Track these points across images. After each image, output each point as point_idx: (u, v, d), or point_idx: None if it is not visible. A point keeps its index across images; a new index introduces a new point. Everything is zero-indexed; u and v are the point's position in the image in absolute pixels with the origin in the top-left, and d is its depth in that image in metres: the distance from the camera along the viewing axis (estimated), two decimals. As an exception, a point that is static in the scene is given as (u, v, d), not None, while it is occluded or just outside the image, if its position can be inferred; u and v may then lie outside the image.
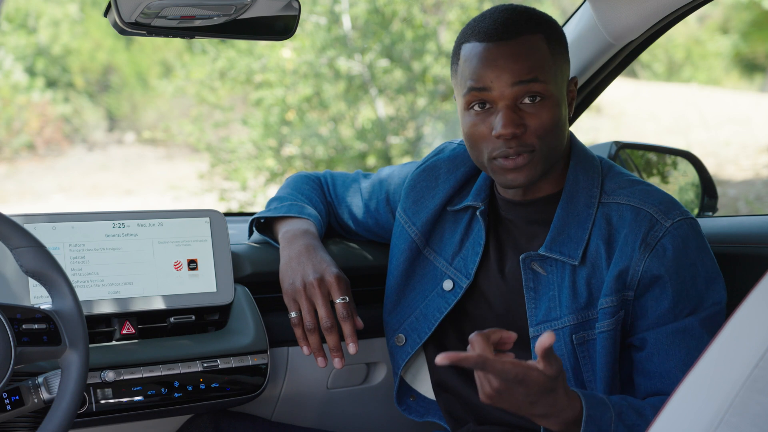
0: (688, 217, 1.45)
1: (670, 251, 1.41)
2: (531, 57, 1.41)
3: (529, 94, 1.41)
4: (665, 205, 1.45)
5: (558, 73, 1.45)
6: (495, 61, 1.41)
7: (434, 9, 8.93)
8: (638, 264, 1.41)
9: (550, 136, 1.43)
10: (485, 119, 1.43)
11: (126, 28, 1.37)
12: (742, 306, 0.80)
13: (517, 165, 1.42)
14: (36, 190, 10.51)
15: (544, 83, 1.41)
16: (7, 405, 1.27)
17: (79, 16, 11.64)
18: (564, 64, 1.48)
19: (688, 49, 12.44)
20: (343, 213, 1.80)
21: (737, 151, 9.46)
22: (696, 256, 1.44)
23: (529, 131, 1.41)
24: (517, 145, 1.41)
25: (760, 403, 0.74)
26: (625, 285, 1.42)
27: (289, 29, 1.49)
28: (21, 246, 1.27)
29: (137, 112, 12.28)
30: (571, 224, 1.47)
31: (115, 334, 1.55)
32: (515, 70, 1.40)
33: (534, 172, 1.44)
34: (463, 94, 1.45)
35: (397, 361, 1.64)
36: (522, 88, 1.40)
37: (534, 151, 1.42)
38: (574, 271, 1.46)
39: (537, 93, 1.41)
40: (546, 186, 1.52)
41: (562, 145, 1.47)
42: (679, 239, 1.42)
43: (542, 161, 1.44)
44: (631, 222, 1.44)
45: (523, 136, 1.41)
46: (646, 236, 1.42)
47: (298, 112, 8.67)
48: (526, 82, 1.40)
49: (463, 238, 1.59)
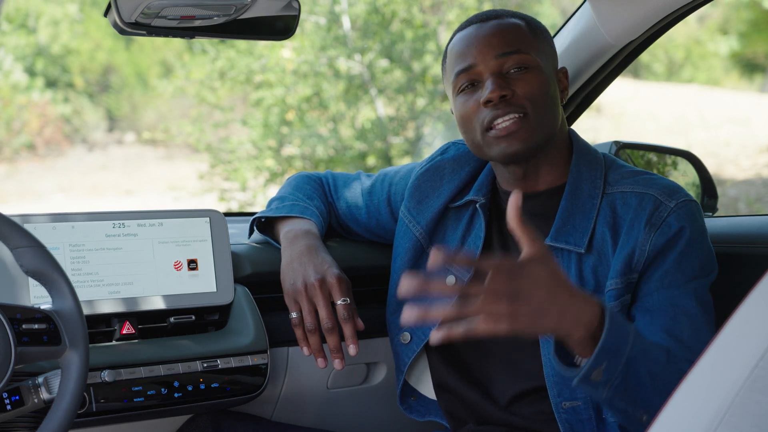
0: (692, 199, 1.46)
1: (675, 227, 1.42)
2: (513, 33, 1.47)
3: (514, 65, 1.45)
4: (669, 188, 1.46)
5: (543, 53, 1.49)
6: (477, 38, 1.47)
7: (434, 9, 8.93)
8: (644, 244, 1.42)
9: (540, 102, 1.45)
10: (474, 94, 1.47)
11: (126, 28, 1.38)
12: (742, 306, 0.80)
13: (510, 130, 1.44)
14: (36, 190, 10.51)
15: (527, 54, 1.45)
16: (7, 405, 1.27)
17: (78, 16, 11.64)
18: (548, 50, 1.51)
19: (688, 49, 12.44)
20: (344, 213, 1.80)
21: (737, 151, 9.47)
22: (698, 234, 1.44)
23: (517, 95, 1.44)
24: (506, 106, 1.43)
25: (760, 403, 0.75)
26: (631, 267, 1.42)
27: (289, 29, 1.49)
28: (21, 246, 1.27)
29: (137, 112, 12.28)
30: (576, 215, 1.48)
31: (115, 334, 1.55)
32: (497, 43, 1.46)
33: (529, 136, 1.44)
34: (452, 82, 1.50)
35: (402, 359, 1.64)
36: (506, 58, 1.45)
37: (525, 114, 1.44)
38: (581, 260, 1.46)
39: (523, 63, 1.45)
40: (547, 178, 1.52)
41: (555, 120, 1.48)
42: (684, 217, 1.43)
43: (536, 127, 1.45)
44: (636, 206, 1.45)
45: (512, 99, 1.44)
46: (651, 217, 1.43)
47: (297, 112, 8.68)
48: (510, 53, 1.45)
49: (465, 233, 1.60)
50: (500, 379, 1.54)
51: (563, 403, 1.45)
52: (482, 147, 1.48)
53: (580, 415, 1.45)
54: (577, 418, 1.45)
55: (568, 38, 1.95)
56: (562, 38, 1.97)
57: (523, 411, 1.52)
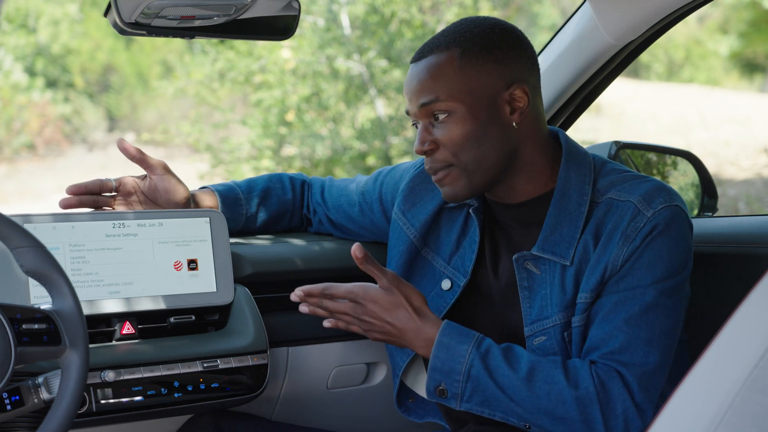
0: (672, 204, 1.42)
1: (645, 231, 1.40)
2: (435, 77, 1.45)
3: (435, 113, 1.46)
4: (650, 194, 1.43)
5: (472, 86, 1.43)
6: (407, 85, 1.50)
7: (433, 10, 8.93)
8: (617, 259, 1.41)
9: (464, 150, 1.44)
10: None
11: (126, 28, 1.37)
12: (742, 306, 0.80)
13: (439, 180, 1.49)
14: (36, 190, 10.51)
15: (447, 101, 1.44)
16: (7, 405, 1.27)
17: (78, 16, 11.65)
18: (488, 74, 1.44)
19: (688, 49, 12.45)
20: (337, 214, 1.82)
21: (737, 151, 9.47)
22: (670, 238, 1.41)
23: (442, 147, 1.46)
24: (432, 162, 1.48)
25: (760, 403, 0.75)
26: (602, 281, 1.42)
27: (289, 29, 1.49)
28: (21, 246, 1.27)
29: (137, 112, 12.28)
30: (563, 223, 1.46)
31: (115, 334, 1.55)
32: (418, 92, 1.47)
33: (458, 186, 1.47)
34: None
35: (398, 362, 1.64)
36: (426, 109, 1.46)
37: (450, 165, 1.46)
38: (564, 270, 1.45)
39: (441, 111, 1.45)
40: (531, 188, 1.50)
41: (487, 157, 1.45)
42: (661, 223, 1.40)
43: (464, 175, 1.46)
44: (616, 216, 1.43)
45: (436, 152, 1.47)
46: (626, 228, 1.41)
47: (297, 112, 8.68)
48: (428, 104, 1.45)
49: (460, 236, 1.60)
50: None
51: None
52: None
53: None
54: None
55: (568, 38, 1.95)
56: (562, 38, 1.97)
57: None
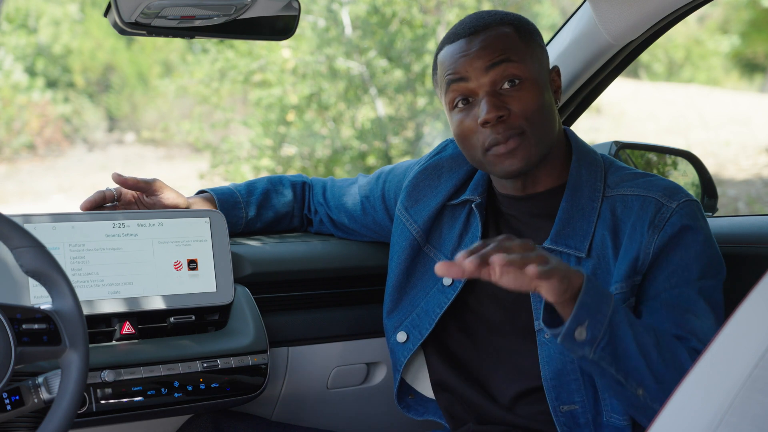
0: (693, 199, 1.46)
1: (677, 226, 1.42)
2: (500, 42, 1.45)
3: (506, 79, 1.44)
4: (669, 190, 1.46)
5: (533, 58, 1.47)
6: (467, 52, 1.45)
7: (434, 10, 8.93)
8: (648, 246, 1.42)
9: (536, 118, 1.44)
10: (470, 113, 1.46)
11: (126, 28, 1.37)
12: (742, 306, 0.80)
13: (510, 149, 1.43)
14: (36, 190, 10.51)
15: (517, 63, 1.44)
16: (7, 405, 1.27)
17: (79, 15, 11.65)
18: (540, 52, 1.50)
19: (688, 49, 12.44)
20: (339, 213, 1.82)
21: (737, 151, 9.47)
22: (702, 233, 1.43)
23: (514, 114, 1.43)
24: (505, 129, 1.43)
25: (760, 403, 0.75)
26: (636, 270, 1.42)
27: (289, 29, 1.49)
28: (21, 246, 1.27)
29: (137, 112, 12.28)
30: (576, 217, 1.47)
31: (115, 334, 1.55)
32: (486, 55, 1.44)
33: (529, 155, 1.44)
34: (445, 93, 1.49)
35: (399, 358, 1.64)
36: (497, 71, 1.43)
37: (524, 133, 1.44)
38: (579, 264, 1.46)
39: (514, 75, 1.44)
40: (546, 180, 1.52)
41: (552, 130, 1.48)
42: (686, 216, 1.43)
43: (536, 144, 1.44)
44: (638, 210, 1.44)
45: (509, 119, 1.43)
46: (653, 219, 1.42)
47: (297, 112, 8.68)
48: (499, 63, 1.43)
49: (462, 232, 1.60)
50: (499, 379, 1.54)
51: (561, 406, 1.45)
52: (484, 164, 1.48)
53: (578, 419, 1.45)
54: (574, 422, 1.45)
55: (568, 38, 1.95)
56: (562, 38, 1.97)
57: (524, 411, 1.52)
